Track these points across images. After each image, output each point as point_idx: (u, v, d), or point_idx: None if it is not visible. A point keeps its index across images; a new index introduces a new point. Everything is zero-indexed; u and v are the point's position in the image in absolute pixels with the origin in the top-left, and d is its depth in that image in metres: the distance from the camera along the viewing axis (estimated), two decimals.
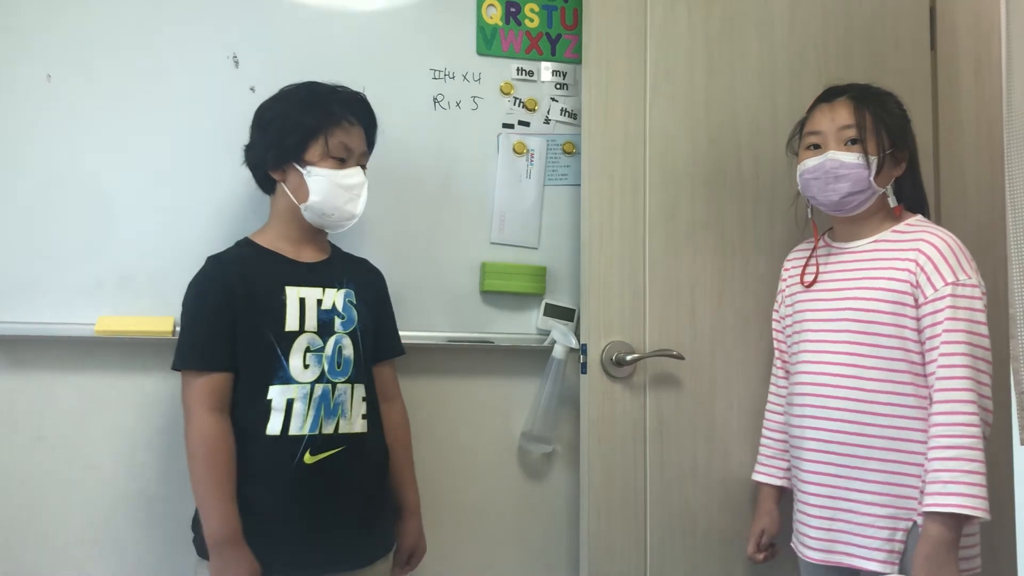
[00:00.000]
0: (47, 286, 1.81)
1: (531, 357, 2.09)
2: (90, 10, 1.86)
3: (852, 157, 1.71)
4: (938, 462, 1.57)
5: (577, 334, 2.05)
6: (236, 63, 1.93)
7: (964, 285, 1.64)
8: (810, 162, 1.76)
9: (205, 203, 1.89)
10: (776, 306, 1.96)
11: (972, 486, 1.54)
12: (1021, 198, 2.03)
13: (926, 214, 1.82)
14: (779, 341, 1.94)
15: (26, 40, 1.83)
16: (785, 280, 1.93)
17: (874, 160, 1.71)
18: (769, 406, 1.95)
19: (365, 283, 1.81)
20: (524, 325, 2.10)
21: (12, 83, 1.82)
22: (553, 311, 2.10)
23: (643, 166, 2.01)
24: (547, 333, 2.08)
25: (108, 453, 1.84)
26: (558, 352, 2.05)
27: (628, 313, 1.98)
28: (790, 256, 1.95)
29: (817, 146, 1.76)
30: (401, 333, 1.98)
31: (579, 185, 2.06)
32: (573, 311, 2.10)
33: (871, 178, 1.71)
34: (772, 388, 1.95)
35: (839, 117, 1.74)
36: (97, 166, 1.85)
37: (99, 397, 1.85)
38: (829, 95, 1.79)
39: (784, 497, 1.91)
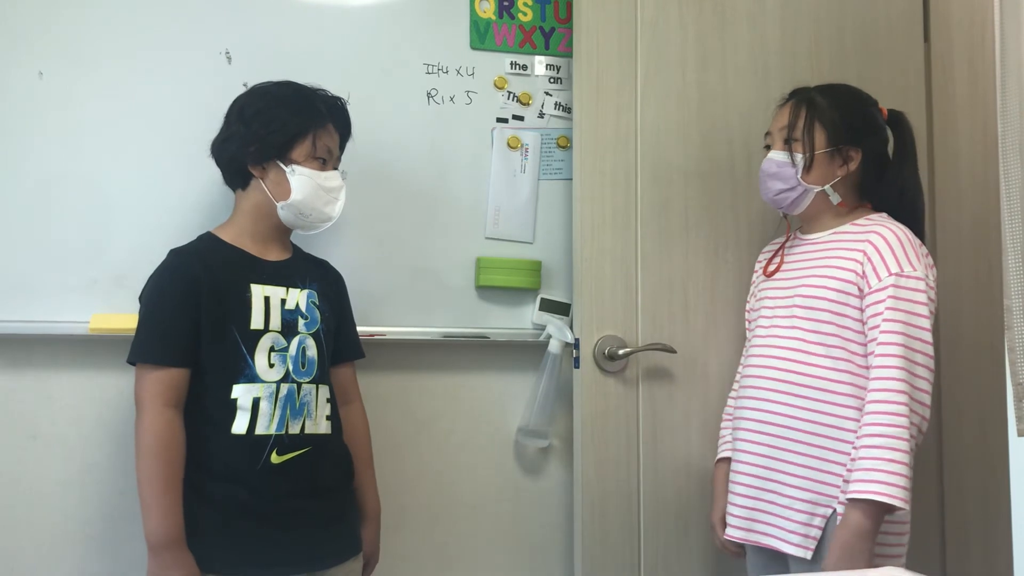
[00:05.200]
0: (41, 284, 1.81)
1: (527, 352, 2.09)
2: (81, 7, 1.86)
3: (781, 156, 1.76)
4: (863, 450, 1.59)
5: (573, 329, 2.06)
6: (229, 59, 1.93)
7: (908, 277, 1.64)
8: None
9: (198, 200, 1.88)
10: (748, 297, 1.98)
11: (892, 475, 1.55)
12: (1015, 190, 2.03)
13: (914, 209, 1.78)
14: (748, 331, 1.96)
15: (17, 37, 1.83)
16: (756, 271, 1.96)
17: (799, 158, 1.74)
18: (732, 392, 1.95)
19: (326, 284, 1.80)
20: (520, 320, 2.10)
21: (3, 81, 1.82)
22: (549, 306, 2.10)
23: (635, 161, 2.02)
24: (543, 328, 2.08)
25: (103, 451, 1.85)
26: (554, 347, 2.05)
27: (620, 307, 1.99)
28: (764, 249, 1.97)
29: (769, 147, 1.82)
30: (396, 328, 1.98)
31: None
32: (569, 306, 2.10)
33: (798, 176, 1.74)
34: (737, 376, 1.95)
35: (781, 118, 1.79)
36: (90, 164, 1.85)
37: (94, 395, 1.85)
38: (788, 97, 1.83)
39: None
